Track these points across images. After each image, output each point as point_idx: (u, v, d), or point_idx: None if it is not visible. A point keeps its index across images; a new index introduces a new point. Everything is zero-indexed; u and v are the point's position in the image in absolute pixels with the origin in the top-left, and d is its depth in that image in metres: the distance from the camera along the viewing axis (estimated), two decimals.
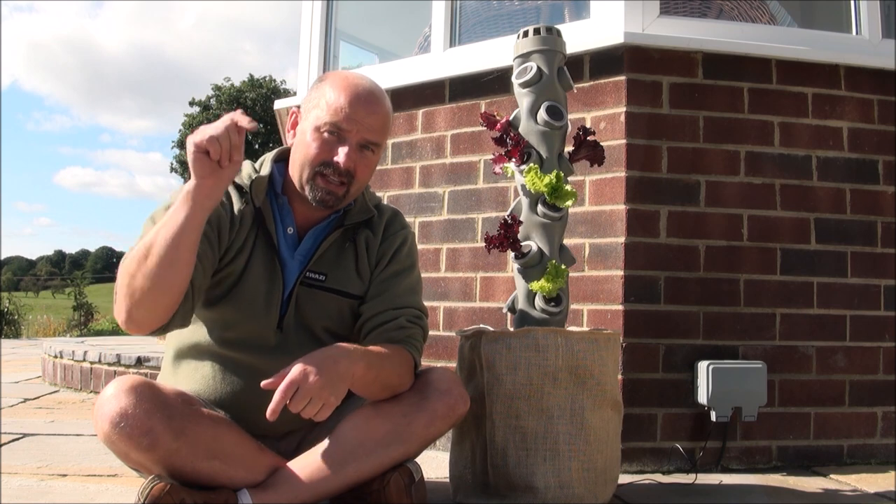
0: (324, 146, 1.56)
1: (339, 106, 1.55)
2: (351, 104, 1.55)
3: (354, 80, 1.61)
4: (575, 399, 1.71)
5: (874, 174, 2.41)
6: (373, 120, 1.57)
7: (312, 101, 1.60)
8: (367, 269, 1.68)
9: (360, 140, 1.57)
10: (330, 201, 1.58)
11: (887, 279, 2.39)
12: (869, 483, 2.07)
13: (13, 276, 71.22)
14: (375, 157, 1.62)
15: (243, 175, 1.63)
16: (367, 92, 1.59)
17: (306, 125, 1.59)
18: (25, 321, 13.26)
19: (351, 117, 1.55)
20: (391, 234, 1.71)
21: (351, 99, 1.56)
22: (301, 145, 1.60)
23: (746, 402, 2.17)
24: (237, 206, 1.59)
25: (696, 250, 2.25)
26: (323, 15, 3.09)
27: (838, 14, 2.63)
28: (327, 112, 1.55)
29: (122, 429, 1.37)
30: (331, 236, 1.65)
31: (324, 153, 1.56)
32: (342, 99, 1.56)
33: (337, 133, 1.56)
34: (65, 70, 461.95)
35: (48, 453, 2.23)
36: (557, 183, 1.80)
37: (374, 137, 1.58)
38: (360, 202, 1.70)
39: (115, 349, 3.80)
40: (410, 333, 1.62)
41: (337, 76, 1.63)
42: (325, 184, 1.57)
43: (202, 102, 32.14)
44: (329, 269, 1.64)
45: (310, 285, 1.63)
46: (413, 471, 1.54)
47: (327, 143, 1.56)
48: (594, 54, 2.30)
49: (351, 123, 1.55)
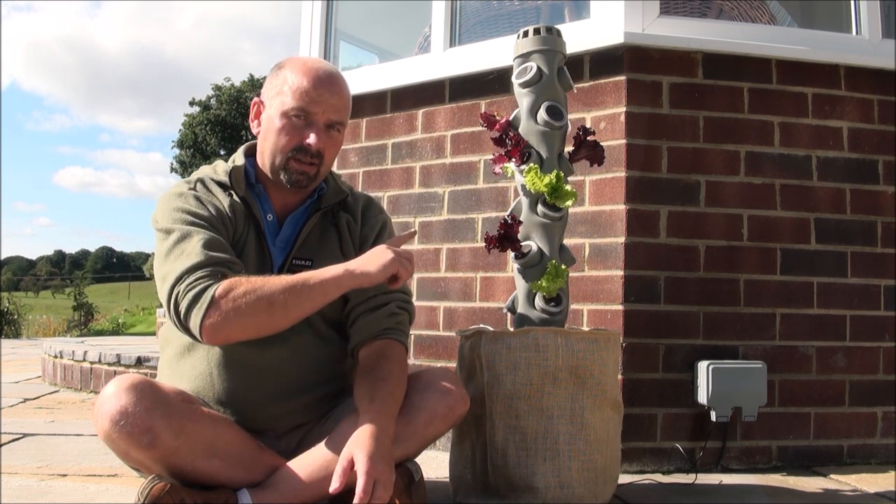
0: (294, 131, 1.60)
1: (303, 90, 1.58)
2: (315, 87, 1.59)
3: (314, 63, 1.64)
4: (575, 399, 1.71)
5: (874, 174, 2.41)
6: (336, 100, 1.62)
7: (275, 88, 1.63)
8: (352, 250, 1.69)
9: (326, 121, 1.61)
10: (303, 181, 1.62)
11: (887, 279, 2.39)
12: (869, 483, 2.07)
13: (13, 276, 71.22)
14: (341, 136, 1.67)
15: (219, 171, 1.66)
16: (328, 74, 1.63)
17: (272, 112, 1.62)
18: (25, 321, 13.27)
19: (316, 99, 1.59)
20: (370, 217, 1.74)
21: (314, 82, 1.59)
22: (270, 133, 1.62)
23: (746, 402, 2.17)
24: (224, 201, 1.61)
25: (696, 250, 2.25)
26: (323, 15, 3.09)
27: (838, 14, 2.63)
28: (293, 97, 1.58)
29: (122, 427, 1.37)
30: (310, 221, 1.67)
31: (295, 138, 1.60)
32: (305, 82, 1.59)
33: (304, 116, 1.59)
34: (64, 70, 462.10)
35: (48, 453, 2.23)
36: (557, 183, 1.80)
37: (338, 117, 1.63)
38: (332, 185, 1.73)
39: (115, 349, 3.80)
40: (400, 320, 1.66)
41: (295, 62, 1.65)
42: (298, 166, 1.61)
43: (202, 102, 32.12)
44: (315, 254, 1.66)
45: (298, 271, 1.63)
46: (413, 471, 1.55)
47: (296, 127, 1.60)
48: (594, 54, 2.30)
49: (317, 105, 1.59)
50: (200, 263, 1.47)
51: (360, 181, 2.75)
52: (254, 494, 1.45)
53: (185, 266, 1.47)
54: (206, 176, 1.66)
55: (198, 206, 1.58)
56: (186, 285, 1.45)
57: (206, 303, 1.42)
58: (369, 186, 2.71)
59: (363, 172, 2.76)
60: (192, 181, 1.65)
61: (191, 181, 1.65)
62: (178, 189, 1.62)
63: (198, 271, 1.46)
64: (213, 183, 1.64)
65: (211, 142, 30.94)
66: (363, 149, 2.78)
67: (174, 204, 1.57)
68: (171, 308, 1.47)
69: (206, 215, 1.56)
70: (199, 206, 1.58)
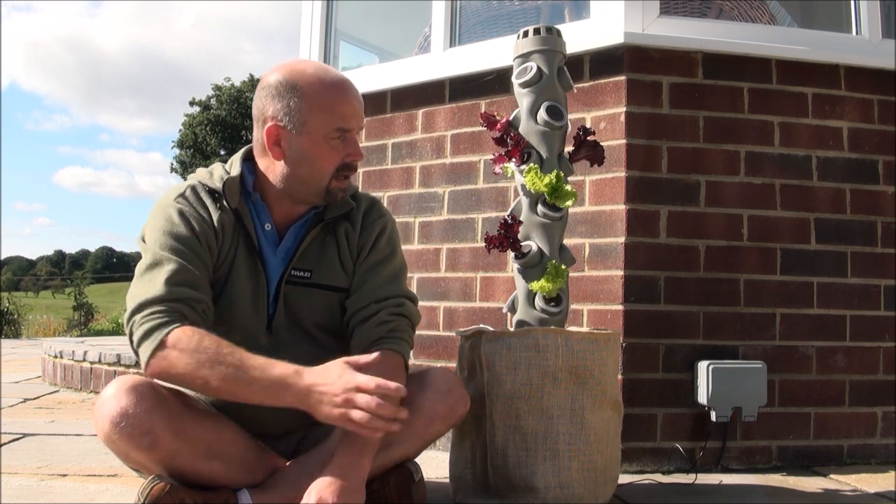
0: (335, 153, 1.57)
1: (342, 108, 1.56)
2: (348, 101, 1.57)
3: (331, 77, 1.59)
4: (575, 399, 1.71)
5: (874, 174, 2.41)
6: (359, 105, 1.62)
7: (300, 112, 1.54)
8: (350, 261, 1.67)
9: (358, 129, 1.62)
10: (344, 195, 1.64)
11: (887, 279, 2.39)
12: (869, 483, 2.07)
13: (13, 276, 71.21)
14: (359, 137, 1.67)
15: (215, 178, 1.61)
16: (347, 82, 1.61)
17: (305, 139, 1.55)
18: (25, 321, 13.26)
19: (353, 115, 1.58)
20: (369, 223, 1.70)
21: (347, 96, 1.58)
22: (306, 160, 1.57)
23: (746, 402, 2.17)
24: (214, 213, 1.57)
25: (696, 250, 2.25)
26: (323, 15, 3.09)
27: (838, 14, 2.63)
28: (334, 117, 1.55)
29: (122, 428, 1.37)
30: (311, 232, 1.64)
31: (336, 158, 1.57)
32: (337, 100, 1.56)
33: (342, 133, 1.57)
34: (64, 69, 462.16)
35: (48, 453, 2.23)
36: (557, 183, 1.80)
37: (363, 122, 1.66)
38: None
39: (115, 349, 3.80)
40: (393, 327, 1.61)
41: (308, 78, 1.56)
42: (339, 183, 1.60)
43: (202, 102, 32.14)
44: (314, 266, 1.64)
45: (296, 283, 1.63)
46: (413, 471, 1.55)
47: (336, 148, 1.57)
48: (594, 54, 2.30)
49: (353, 120, 1.59)
50: (160, 298, 1.45)
51: (360, 181, 2.75)
52: (254, 495, 1.45)
53: (147, 297, 1.46)
54: (199, 182, 1.61)
55: (181, 224, 1.53)
56: (142, 317, 1.45)
57: (156, 344, 1.43)
58: (369, 186, 2.72)
59: (363, 172, 2.76)
60: (184, 189, 1.60)
61: (182, 189, 1.60)
62: (166, 200, 1.58)
63: (156, 305, 1.45)
64: (204, 191, 1.59)
65: (211, 142, 30.96)
66: (363, 149, 2.77)
67: (157, 222, 1.54)
68: (127, 332, 1.49)
69: (187, 236, 1.52)
70: (183, 225, 1.53)
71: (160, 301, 1.45)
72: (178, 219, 1.54)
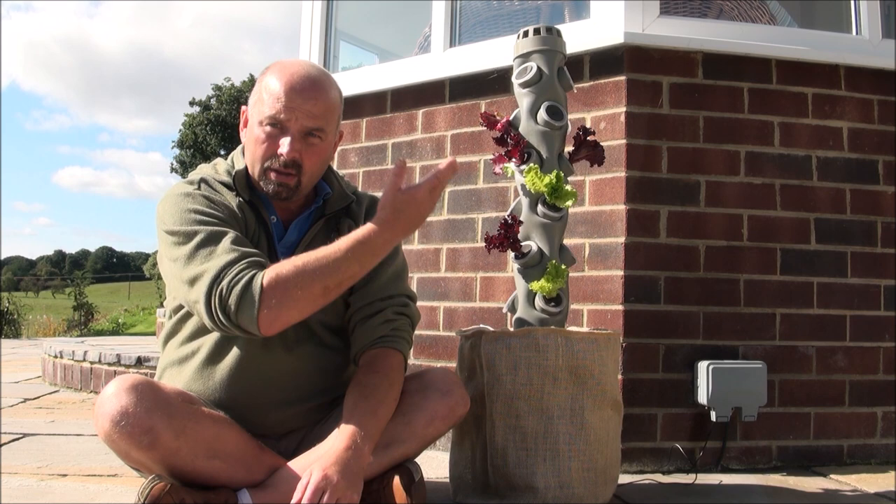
0: (268, 140, 1.55)
1: (276, 97, 1.54)
2: (287, 93, 1.54)
3: (292, 67, 1.58)
4: (575, 399, 1.71)
5: (874, 174, 2.41)
6: (311, 105, 1.55)
7: (255, 96, 1.60)
8: None
9: (300, 129, 1.55)
10: (283, 193, 1.58)
11: (887, 279, 2.39)
12: (869, 483, 2.07)
13: (13, 276, 71.21)
14: (324, 143, 1.59)
15: (220, 171, 1.64)
16: (303, 78, 1.56)
17: (252, 121, 1.59)
18: (25, 321, 13.28)
19: (288, 106, 1.53)
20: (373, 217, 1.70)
21: (286, 88, 1.54)
22: (249, 142, 1.60)
23: (746, 402, 2.17)
24: (233, 202, 1.59)
25: (696, 250, 2.25)
26: (323, 15, 3.09)
27: (838, 14, 2.63)
28: (266, 105, 1.55)
29: (122, 427, 1.37)
30: (313, 227, 1.64)
31: (269, 148, 1.55)
32: (278, 89, 1.54)
33: (279, 125, 1.55)
34: (63, 69, 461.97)
35: (48, 453, 2.23)
36: (557, 183, 1.80)
37: (314, 123, 1.55)
38: (338, 190, 1.70)
39: (115, 349, 3.80)
40: (397, 326, 1.62)
41: (276, 66, 1.59)
42: (276, 177, 1.56)
43: (202, 102, 32.13)
44: None
45: None
46: (413, 471, 1.55)
47: (271, 136, 1.55)
48: (594, 54, 2.30)
49: (289, 112, 1.54)
50: (236, 259, 1.44)
51: (361, 181, 2.75)
52: (254, 494, 1.45)
53: (221, 263, 1.43)
54: (208, 176, 1.62)
55: (211, 206, 1.54)
56: (229, 281, 1.41)
57: (257, 294, 1.39)
58: (369, 186, 2.71)
59: (363, 172, 2.76)
60: (195, 181, 1.60)
61: (193, 181, 1.60)
62: (183, 189, 1.58)
63: (236, 265, 1.43)
64: (217, 183, 1.61)
65: (211, 142, 30.96)
66: (363, 149, 2.78)
67: (185, 205, 1.53)
68: (216, 306, 1.42)
69: (222, 215, 1.53)
70: (212, 207, 1.54)
71: (237, 261, 1.44)
72: (205, 202, 1.55)
